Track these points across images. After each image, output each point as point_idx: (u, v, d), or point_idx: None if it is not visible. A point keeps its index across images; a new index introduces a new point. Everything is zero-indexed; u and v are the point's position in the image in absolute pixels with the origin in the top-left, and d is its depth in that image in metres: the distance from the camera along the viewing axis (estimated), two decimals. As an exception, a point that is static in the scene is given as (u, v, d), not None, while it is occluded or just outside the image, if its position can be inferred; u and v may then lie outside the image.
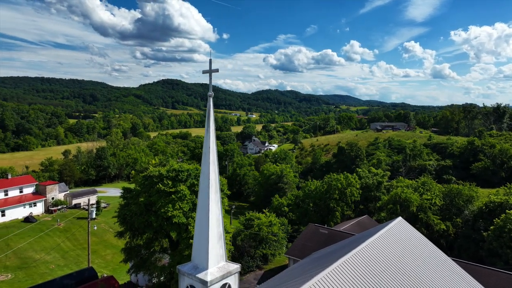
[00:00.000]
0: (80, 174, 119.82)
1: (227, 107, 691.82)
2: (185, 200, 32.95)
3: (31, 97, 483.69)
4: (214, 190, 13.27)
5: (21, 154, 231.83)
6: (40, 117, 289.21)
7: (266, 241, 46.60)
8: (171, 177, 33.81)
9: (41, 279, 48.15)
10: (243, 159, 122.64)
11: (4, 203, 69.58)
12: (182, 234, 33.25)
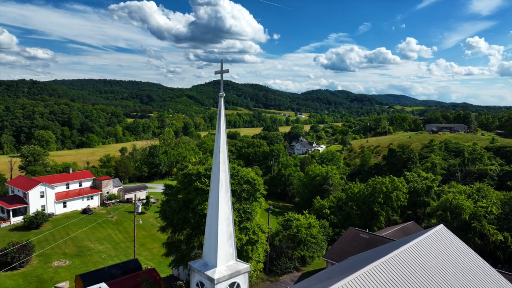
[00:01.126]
0: (134, 171, 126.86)
1: (276, 107, 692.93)
2: (221, 199, 33.70)
3: (95, 97, 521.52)
4: (224, 189, 13.48)
5: (85, 150, 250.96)
6: (102, 117, 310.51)
7: (305, 243, 46.09)
8: (208, 176, 34.70)
9: (93, 267, 51.78)
10: (289, 160, 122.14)
11: (66, 195, 75.84)
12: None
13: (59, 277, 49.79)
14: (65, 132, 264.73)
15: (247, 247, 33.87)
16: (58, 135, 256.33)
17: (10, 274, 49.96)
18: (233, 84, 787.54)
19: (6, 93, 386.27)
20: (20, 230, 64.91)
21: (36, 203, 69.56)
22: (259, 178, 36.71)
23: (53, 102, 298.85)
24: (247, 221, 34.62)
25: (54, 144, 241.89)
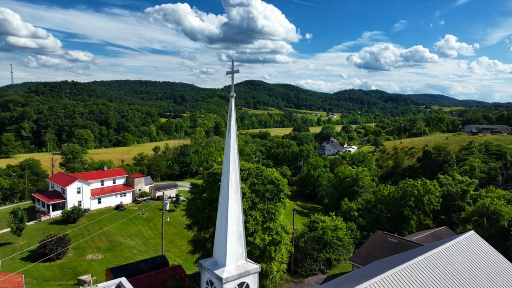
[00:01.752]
0: (166, 169, 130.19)
1: (308, 107, 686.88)
2: (244, 198, 33.85)
3: (131, 98, 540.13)
4: (234, 189, 13.55)
5: (120, 149, 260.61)
6: (137, 116, 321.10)
7: (331, 245, 45.39)
8: (232, 175, 35.06)
9: (124, 261, 53.66)
10: (318, 160, 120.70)
11: (100, 191, 79.11)
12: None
13: (93, 270, 52.01)
14: (103, 131, 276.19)
15: (270, 247, 33.86)
16: (96, 134, 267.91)
17: (48, 265, 52.81)
18: (264, 84, 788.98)
19: (50, 94, 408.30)
20: (58, 223, 68.48)
21: (73, 199, 73.09)
22: (283, 178, 36.59)
23: (92, 102, 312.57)
24: (270, 221, 34.62)
25: (92, 143, 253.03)
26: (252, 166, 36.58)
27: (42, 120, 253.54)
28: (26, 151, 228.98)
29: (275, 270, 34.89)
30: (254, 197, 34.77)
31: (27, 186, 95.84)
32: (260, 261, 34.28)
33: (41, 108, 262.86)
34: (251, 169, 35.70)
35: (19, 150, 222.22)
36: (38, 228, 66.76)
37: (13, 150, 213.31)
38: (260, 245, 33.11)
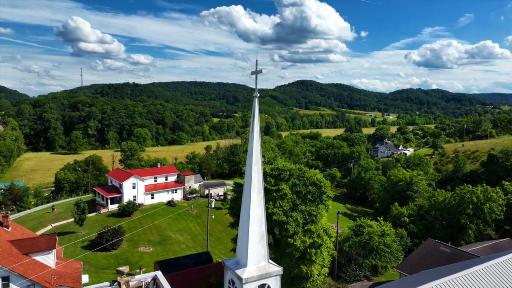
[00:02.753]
0: (216, 168, 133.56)
1: (362, 107, 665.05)
2: (285, 199, 33.68)
3: (186, 98, 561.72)
4: (257, 190, 13.45)
5: (175, 147, 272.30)
6: (191, 116, 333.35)
7: (377, 252, 43.52)
8: (274, 175, 35.01)
9: (172, 255, 55.95)
10: (370, 162, 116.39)
11: (154, 187, 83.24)
12: (281, 232, 34.07)
13: (143, 262, 54.90)
14: (159, 130, 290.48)
15: (310, 250, 33.32)
16: (153, 133, 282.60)
17: (105, 254, 56.71)
18: (316, 84, 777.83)
19: (113, 95, 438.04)
20: (115, 216, 73.22)
21: (129, 193, 77.70)
22: (326, 180, 35.79)
23: (150, 102, 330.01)
24: (311, 223, 34.06)
25: (150, 141, 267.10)
26: (294, 167, 36.26)
27: (105, 119, 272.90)
28: (92, 148, 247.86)
29: (316, 274, 34.25)
30: (295, 198, 34.44)
31: (90, 181, 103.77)
32: (300, 263, 33.88)
33: (105, 108, 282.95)
34: (293, 170, 35.40)
35: (85, 147, 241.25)
36: (97, 219, 71.95)
37: (80, 147, 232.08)
38: (300, 247, 32.72)
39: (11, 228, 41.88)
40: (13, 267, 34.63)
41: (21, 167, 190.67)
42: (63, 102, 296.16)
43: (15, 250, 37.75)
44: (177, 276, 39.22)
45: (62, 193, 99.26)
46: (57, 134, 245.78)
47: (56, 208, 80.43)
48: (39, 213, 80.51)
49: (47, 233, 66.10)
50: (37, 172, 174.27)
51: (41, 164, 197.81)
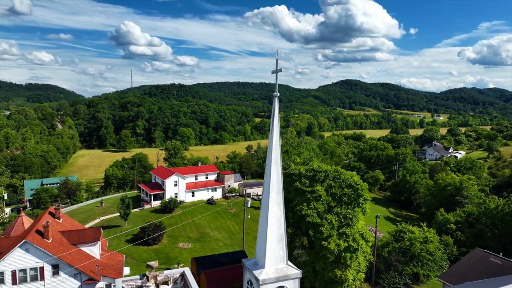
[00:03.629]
0: (256, 168, 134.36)
1: (410, 108, 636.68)
2: (320, 201, 33.08)
3: (229, 99, 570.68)
4: (276, 190, 13.22)
5: (218, 146, 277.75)
6: (233, 116, 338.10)
7: (419, 259, 41.39)
8: (308, 177, 34.51)
9: (210, 252, 57.06)
10: (415, 165, 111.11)
11: (194, 185, 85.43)
12: (316, 234, 33.49)
13: (182, 257, 56.52)
14: (203, 130, 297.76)
15: (345, 254, 32.43)
16: (197, 132, 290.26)
17: (146, 249, 59.11)
18: (361, 83, 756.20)
19: (160, 95, 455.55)
20: (158, 212, 76.01)
21: (171, 191, 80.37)
22: (363, 183, 34.66)
23: (194, 103, 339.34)
24: (347, 226, 33.15)
25: (193, 140, 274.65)
26: (330, 168, 35.47)
27: (152, 119, 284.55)
28: (139, 146, 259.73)
29: (351, 279, 33.27)
30: (331, 201, 33.71)
31: (136, 177, 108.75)
32: (335, 267, 33.09)
33: (152, 108, 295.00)
34: (329, 171, 34.65)
35: (133, 145, 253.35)
36: (141, 214, 75.16)
37: (129, 145, 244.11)
38: (334, 251, 31.95)
39: (62, 220, 44.92)
40: (62, 256, 37.11)
41: (76, 163, 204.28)
42: (114, 102, 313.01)
43: (65, 241, 40.42)
44: (212, 273, 39.82)
45: (110, 188, 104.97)
46: (108, 133, 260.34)
47: (104, 203, 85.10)
48: (89, 207, 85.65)
49: (95, 226, 70.22)
50: (90, 168, 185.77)
51: (93, 160, 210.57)
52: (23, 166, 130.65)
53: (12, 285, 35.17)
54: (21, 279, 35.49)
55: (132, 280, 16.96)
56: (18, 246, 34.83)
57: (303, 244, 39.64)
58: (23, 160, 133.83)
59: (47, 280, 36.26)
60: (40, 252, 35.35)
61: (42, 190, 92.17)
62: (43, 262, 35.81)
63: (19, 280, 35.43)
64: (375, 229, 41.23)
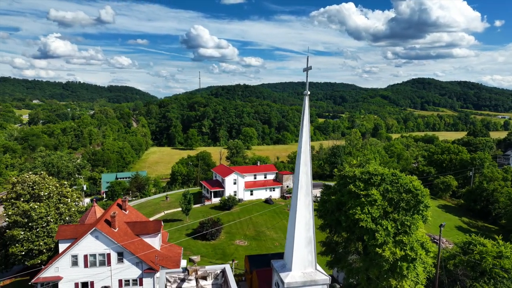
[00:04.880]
0: (317, 169, 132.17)
1: (493, 108, 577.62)
2: (375, 205, 31.47)
3: (293, 99, 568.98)
4: (304, 192, 12.71)
5: (280, 146, 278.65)
6: (296, 116, 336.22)
7: (491, 276, 37.27)
8: (363, 179, 33.02)
9: (265, 251, 57.50)
10: (495, 171, 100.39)
11: (253, 184, 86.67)
12: (370, 240, 31.93)
13: (238, 254, 57.70)
14: (265, 130, 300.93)
15: (402, 263, 30.43)
16: (259, 132, 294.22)
17: (204, 243, 61.41)
18: (435, 82, 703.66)
19: (225, 96, 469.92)
20: (217, 209, 78.58)
21: (230, 189, 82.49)
22: (424, 188, 32.23)
23: (258, 103, 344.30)
24: (404, 234, 31.10)
25: (256, 140, 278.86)
26: (387, 171, 33.54)
27: (217, 119, 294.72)
28: (205, 144, 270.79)
29: (408, 290, 31.13)
30: (387, 206, 31.91)
31: (199, 174, 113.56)
32: (390, 276, 31.27)
33: (218, 108, 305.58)
34: (385, 175, 32.79)
35: (199, 143, 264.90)
36: (201, 210, 78.29)
37: (195, 143, 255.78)
38: (389, 259, 30.16)
39: (128, 211, 48.53)
40: (126, 244, 40.11)
41: (148, 159, 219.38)
42: (183, 102, 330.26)
43: (129, 231, 43.62)
44: (263, 272, 39.97)
45: (175, 184, 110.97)
46: (177, 131, 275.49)
47: (170, 197, 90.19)
48: (156, 201, 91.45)
49: (160, 218, 74.73)
50: (159, 165, 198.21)
51: (163, 157, 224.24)
52: (102, 161, 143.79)
53: (84, 267, 38.93)
54: (91, 263, 39.11)
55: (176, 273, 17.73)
56: (89, 233, 38.45)
57: (358, 249, 38.09)
58: (102, 155, 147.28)
59: (113, 266, 39.48)
60: (107, 239, 38.61)
61: (115, 183, 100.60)
62: (110, 249, 39.06)
63: (90, 263, 39.08)
64: (439, 239, 38.01)
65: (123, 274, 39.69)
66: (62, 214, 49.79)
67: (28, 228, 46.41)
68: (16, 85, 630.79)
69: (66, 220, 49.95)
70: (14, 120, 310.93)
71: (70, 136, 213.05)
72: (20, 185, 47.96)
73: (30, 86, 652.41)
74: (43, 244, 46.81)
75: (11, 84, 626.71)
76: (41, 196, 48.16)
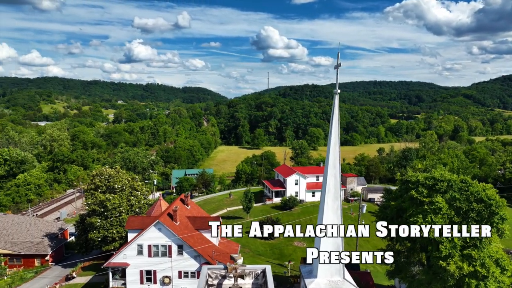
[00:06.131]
0: (385, 172, 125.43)
1: None
2: (439, 214, 28.91)
3: (363, 99, 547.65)
4: (332, 196, 11.86)
5: (347, 148, 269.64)
6: (366, 117, 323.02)
7: None
8: (427, 185, 30.52)
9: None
10: None
11: (315, 186, 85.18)
12: (433, 252, 29.42)
13: (295, 255, 57.21)
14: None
15: (470, 280, 27.58)
16: (326, 133, 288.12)
17: (263, 242, 62.01)
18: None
19: (293, 96, 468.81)
20: (277, 209, 78.70)
21: (291, 189, 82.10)
22: (500, 198, 28.72)
23: (326, 103, 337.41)
24: (473, 248, 28.08)
25: (323, 140, 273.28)
26: (455, 177, 30.55)
27: (284, 119, 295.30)
28: (271, 144, 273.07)
29: (477, 312, 28.04)
30: (453, 215, 29.11)
31: (262, 174, 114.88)
32: (456, 293, 28.50)
33: (285, 108, 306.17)
34: (453, 181, 29.90)
35: (266, 143, 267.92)
36: (262, 209, 79.12)
37: (261, 143, 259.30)
38: (455, 274, 27.48)
39: (190, 207, 50.91)
40: (186, 238, 42.12)
41: (216, 157, 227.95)
42: (251, 103, 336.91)
43: (190, 225, 45.73)
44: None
45: (239, 182, 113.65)
46: (244, 131, 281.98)
47: (233, 195, 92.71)
48: (220, 198, 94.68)
49: (223, 215, 77.21)
50: (227, 163, 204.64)
51: (231, 156, 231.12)
52: (174, 158, 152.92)
53: (148, 257, 41.77)
54: (154, 253, 41.81)
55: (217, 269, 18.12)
56: (153, 225, 41.13)
57: (421, 260, 35.37)
58: (174, 152, 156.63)
59: (174, 257, 41.73)
60: (168, 232, 40.93)
61: (184, 179, 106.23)
62: (171, 241, 41.36)
63: (153, 253, 41.80)
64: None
65: (182, 266, 41.75)
66: (133, 206, 53.93)
67: (104, 216, 51.13)
68: (105, 87, 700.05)
69: (136, 211, 53.99)
70: (102, 119, 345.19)
71: (147, 134, 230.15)
72: (98, 178, 53.01)
73: (116, 88, 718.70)
74: (115, 232, 51.20)
75: (101, 86, 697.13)
76: (115, 188, 52.69)
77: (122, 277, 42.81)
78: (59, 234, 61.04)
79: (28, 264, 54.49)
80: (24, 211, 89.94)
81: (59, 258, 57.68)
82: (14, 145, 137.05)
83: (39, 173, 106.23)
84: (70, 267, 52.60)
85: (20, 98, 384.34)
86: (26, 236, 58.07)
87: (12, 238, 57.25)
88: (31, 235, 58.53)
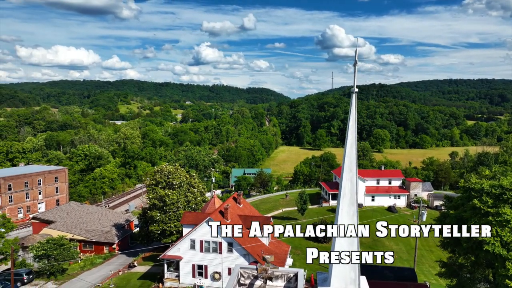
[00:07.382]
0: (457, 178, 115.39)
1: None
2: (507, 227, 25.85)
3: (436, 98, 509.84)
4: (348, 201, 10.94)
5: (416, 151, 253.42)
6: (438, 118, 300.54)
7: None
8: (493, 194, 27.42)
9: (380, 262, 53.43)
10: None
11: (375, 190, 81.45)
12: (498, 269, 26.41)
13: (350, 261, 55.16)
14: (400, 132, 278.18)
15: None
16: (393, 134, 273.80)
17: (316, 245, 60.75)
18: None
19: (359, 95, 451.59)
20: (334, 211, 76.55)
21: (349, 192, 79.30)
22: None
23: (393, 103, 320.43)
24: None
25: (388, 142, 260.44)
26: None
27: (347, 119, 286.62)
28: (333, 145, 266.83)
29: None
30: None
31: (320, 175, 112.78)
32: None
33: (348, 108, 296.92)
34: None
35: (327, 144, 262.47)
36: (318, 211, 77.62)
37: (323, 144, 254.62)
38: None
39: (242, 205, 51.79)
40: (236, 237, 42.92)
41: (276, 157, 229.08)
42: (313, 103, 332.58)
43: (241, 223, 46.49)
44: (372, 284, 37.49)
45: (297, 183, 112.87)
46: (306, 132, 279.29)
47: (289, 196, 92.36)
48: (276, 198, 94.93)
49: (278, 216, 77.35)
50: (287, 163, 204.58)
51: (291, 156, 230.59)
52: (234, 157, 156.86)
53: (200, 252, 43.39)
54: (205, 249, 43.30)
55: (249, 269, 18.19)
56: (204, 221, 42.62)
57: (487, 277, 32.01)
58: (235, 151, 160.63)
59: (224, 254, 42.83)
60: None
61: (242, 178, 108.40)
62: (221, 239, 42.48)
63: (205, 249, 43.32)
64: None
65: (232, 263, 42.55)
66: (190, 202, 56.41)
67: (163, 211, 54.20)
68: (174, 89, 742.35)
69: (193, 207, 56.38)
70: (171, 119, 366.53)
71: (211, 133, 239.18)
72: (159, 174, 56.34)
73: (185, 89, 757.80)
74: (173, 226, 53.98)
75: (171, 88, 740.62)
76: (174, 184, 55.56)
77: (176, 269, 45.01)
78: (125, 225, 66.12)
79: (98, 251, 59.82)
80: (99, 203, 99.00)
81: (125, 247, 62.41)
82: (94, 142, 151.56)
83: (113, 168, 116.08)
84: (133, 256, 56.64)
85: (102, 99, 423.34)
86: (97, 225, 63.87)
87: (86, 226, 63.36)
88: (102, 224, 64.22)
